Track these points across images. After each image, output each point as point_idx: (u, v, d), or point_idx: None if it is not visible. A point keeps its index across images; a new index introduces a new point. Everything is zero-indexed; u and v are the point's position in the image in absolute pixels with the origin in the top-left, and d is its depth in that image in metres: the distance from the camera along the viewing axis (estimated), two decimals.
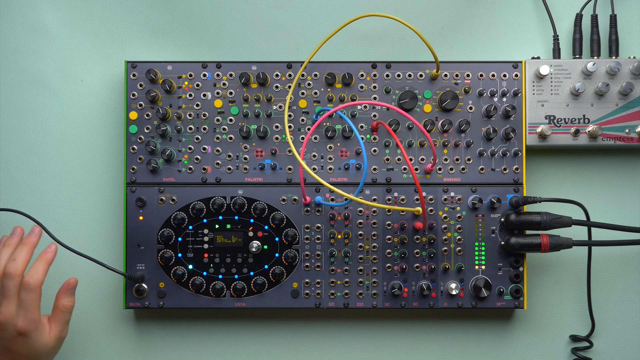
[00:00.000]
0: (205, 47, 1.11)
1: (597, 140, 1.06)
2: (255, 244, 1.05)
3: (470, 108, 1.07)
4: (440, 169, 1.07)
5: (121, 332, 1.11)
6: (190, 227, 1.06)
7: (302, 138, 1.07)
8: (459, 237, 1.06)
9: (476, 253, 1.06)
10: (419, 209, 1.01)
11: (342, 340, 1.10)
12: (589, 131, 1.06)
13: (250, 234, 1.06)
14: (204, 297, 1.06)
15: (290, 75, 1.07)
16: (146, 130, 1.06)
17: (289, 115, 1.07)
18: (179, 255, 1.06)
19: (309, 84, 1.07)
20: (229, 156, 1.07)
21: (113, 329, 1.11)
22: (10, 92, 1.11)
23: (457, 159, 1.07)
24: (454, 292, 1.05)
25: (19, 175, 1.11)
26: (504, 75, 1.06)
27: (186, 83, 1.06)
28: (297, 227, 1.06)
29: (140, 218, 1.06)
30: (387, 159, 1.07)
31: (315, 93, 1.07)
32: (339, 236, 1.06)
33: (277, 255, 1.06)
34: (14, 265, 0.94)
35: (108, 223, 1.11)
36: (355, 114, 1.07)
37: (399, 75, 1.07)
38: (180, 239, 1.06)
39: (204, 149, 1.06)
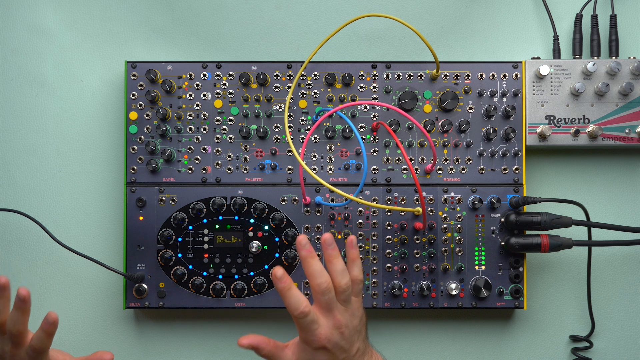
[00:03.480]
0: (205, 47, 1.11)
1: (597, 141, 1.06)
2: (255, 244, 1.05)
3: (470, 108, 1.07)
4: (440, 169, 1.07)
5: (121, 332, 1.11)
6: (190, 227, 1.06)
7: (302, 138, 1.07)
8: (459, 237, 1.06)
9: (476, 253, 1.06)
10: (419, 209, 1.01)
11: None
12: (589, 131, 1.06)
13: (250, 234, 1.06)
14: (204, 297, 1.06)
15: (290, 76, 1.07)
16: (146, 131, 1.06)
17: (289, 116, 1.07)
18: (179, 255, 1.06)
19: (309, 84, 1.07)
20: (229, 156, 1.07)
21: (113, 329, 1.11)
22: (10, 92, 1.11)
23: (457, 159, 1.07)
24: (454, 292, 1.05)
25: (19, 175, 1.11)
26: (504, 76, 1.06)
27: (186, 83, 1.06)
28: (297, 227, 1.06)
29: (140, 218, 1.06)
30: (387, 159, 1.07)
31: (315, 93, 1.07)
32: (339, 236, 1.06)
33: (277, 255, 1.06)
34: (15, 329, 0.93)
35: (108, 223, 1.11)
36: (355, 114, 1.07)
37: (399, 76, 1.07)
38: (180, 239, 1.06)
39: (204, 149, 1.06)
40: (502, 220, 1.06)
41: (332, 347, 0.93)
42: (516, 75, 1.06)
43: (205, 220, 1.06)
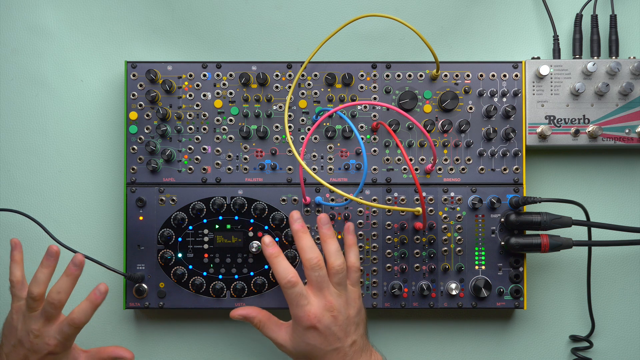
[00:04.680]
0: (205, 47, 1.11)
1: (597, 141, 1.06)
2: (255, 244, 1.05)
3: (470, 108, 1.07)
4: (440, 169, 1.07)
5: (121, 332, 1.11)
6: (190, 227, 1.06)
7: (302, 138, 1.07)
8: (458, 237, 1.06)
9: (476, 253, 1.06)
10: (419, 209, 1.01)
11: None
12: (589, 131, 1.06)
13: (250, 234, 1.06)
14: (204, 297, 1.06)
15: (290, 76, 1.07)
16: (146, 131, 1.06)
17: (289, 116, 1.07)
18: (179, 255, 1.06)
19: (309, 84, 1.07)
20: (229, 156, 1.07)
21: (113, 329, 1.11)
22: (10, 92, 1.11)
23: (457, 159, 1.07)
24: (454, 292, 1.05)
25: (19, 175, 1.11)
26: (504, 76, 1.06)
27: (186, 83, 1.06)
28: None
29: (140, 218, 1.06)
30: (387, 159, 1.07)
31: (315, 93, 1.07)
32: (339, 236, 1.06)
33: None
34: (58, 297, 0.96)
35: (108, 223, 1.11)
36: (355, 114, 1.07)
37: (399, 76, 1.07)
38: (180, 239, 1.06)
39: (204, 149, 1.06)
40: (502, 220, 1.06)
41: (324, 329, 0.94)
42: (516, 75, 1.06)
43: (205, 220, 1.06)
